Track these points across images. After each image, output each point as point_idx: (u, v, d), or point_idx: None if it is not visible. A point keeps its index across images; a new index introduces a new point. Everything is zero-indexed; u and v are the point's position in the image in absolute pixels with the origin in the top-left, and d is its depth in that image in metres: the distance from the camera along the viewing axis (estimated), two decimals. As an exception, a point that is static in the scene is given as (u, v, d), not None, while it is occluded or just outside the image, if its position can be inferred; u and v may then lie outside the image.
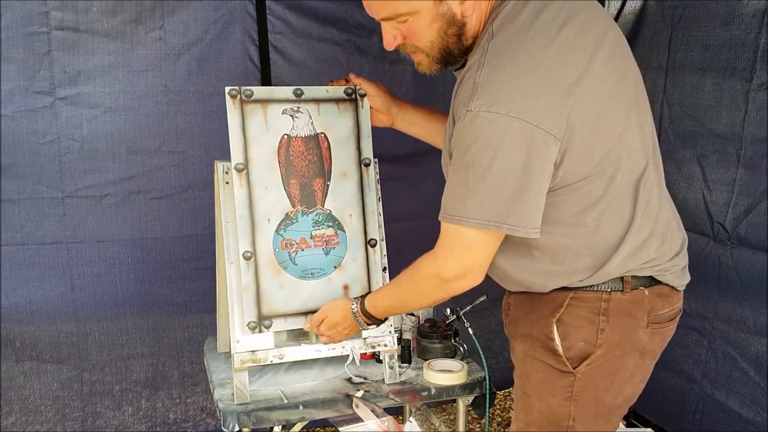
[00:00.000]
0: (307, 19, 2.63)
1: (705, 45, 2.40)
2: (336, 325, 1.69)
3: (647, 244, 1.38)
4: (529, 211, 1.27)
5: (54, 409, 2.60)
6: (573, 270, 1.39)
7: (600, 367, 1.40)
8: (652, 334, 1.43)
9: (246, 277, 1.71)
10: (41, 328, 2.53)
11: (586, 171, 1.30)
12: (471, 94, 1.24)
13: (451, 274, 1.35)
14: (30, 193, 2.41)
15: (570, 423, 1.43)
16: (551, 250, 1.38)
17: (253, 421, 1.72)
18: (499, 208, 1.25)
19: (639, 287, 1.40)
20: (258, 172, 1.73)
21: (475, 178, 1.25)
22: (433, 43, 1.38)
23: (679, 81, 2.51)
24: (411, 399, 1.87)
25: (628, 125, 1.33)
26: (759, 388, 2.29)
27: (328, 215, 1.79)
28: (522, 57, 1.24)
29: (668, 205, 1.47)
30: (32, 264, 2.46)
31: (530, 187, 1.25)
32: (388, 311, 1.61)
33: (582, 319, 1.40)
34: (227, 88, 1.73)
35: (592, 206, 1.33)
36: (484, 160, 1.23)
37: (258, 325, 1.71)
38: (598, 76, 1.28)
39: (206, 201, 2.48)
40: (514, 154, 1.22)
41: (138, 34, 2.43)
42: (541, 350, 1.44)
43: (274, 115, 1.75)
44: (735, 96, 2.30)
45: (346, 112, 1.81)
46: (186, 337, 2.73)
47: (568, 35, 1.27)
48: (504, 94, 1.22)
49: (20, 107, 2.35)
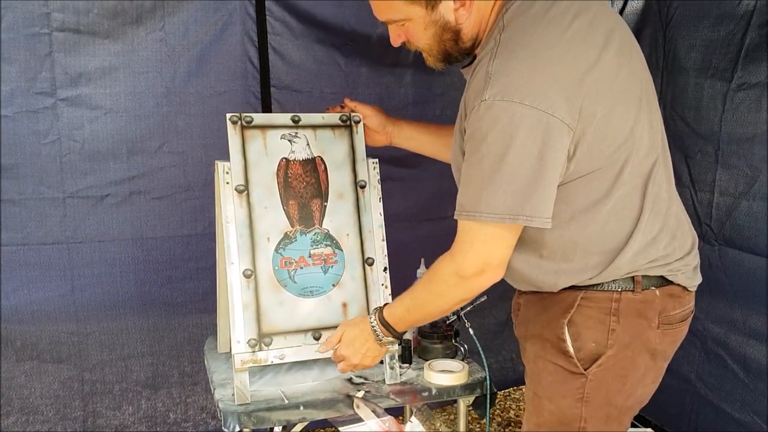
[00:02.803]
0: (306, 22, 2.65)
1: (691, 45, 2.42)
2: (354, 341, 1.64)
3: (657, 240, 1.38)
4: (542, 201, 1.26)
5: (54, 409, 2.61)
6: (583, 267, 1.38)
7: (611, 369, 1.40)
8: (663, 335, 1.42)
9: (246, 295, 1.74)
10: (42, 328, 2.53)
11: (597, 163, 1.30)
12: (485, 84, 1.24)
13: (470, 271, 1.33)
14: (31, 194, 2.41)
15: (581, 424, 1.42)
16: (561, 246, 1.37)
17: (254, 421, 1.72)
18: (513, 200, 1.24)
19: (650, 287, 1.39)
20: (258, 193, 1.79)
21: (491, 169, 1.24)
22: (430, 46, 1.41)
23: (671, 81, 2.53)
24: (411, 399, 1.87)
25: (638, 120, 1.33)
26: (748, 389, 2.30)
27: (326, 234, 1.84)
28: (535, 46, 1.24)
29: (677, 203, 1.46)
30: (33, 264, 2.46)
31: (544, 176, 1.24)
32: (405, 318, 1.55)
33: (593, 320, 1.39)
34: (228, 115, 1.79)
35: (600, 200, 1.33)
36: (500, 149, 1.22)
37: (258, 342, 1.74)
38: (609, 69, 1.28)
39: (206, 201, 2.50)
40: (529, 142, 1.22)
41: (138, 36, 2.43)
42: (552, 351, 1.44)
43: (273, 140, 1.82)
44: (714, 96, 2.32)
45: (342, 137, 1.88)
46: (186, 337, 2.74)
47: (580, 26, 1.28)
48: (518, 83, 1.21)
49: (22, 108, 2.35)
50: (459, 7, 1.33)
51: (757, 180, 2.21)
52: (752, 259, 2.24)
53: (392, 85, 2.84)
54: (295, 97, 2.67)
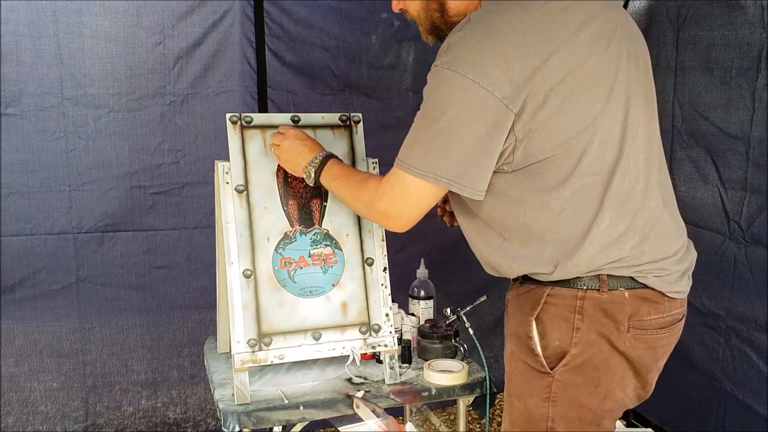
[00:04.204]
0: (303, 25, 2.69)
1: (709, 44, 2.41)
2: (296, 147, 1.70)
3: (622, 240, 1.34)
4: (470, 170, 1.31)
5: (54, 409, 2.61)
6: (538, 257, 1.37)
7: (579, 369, 1.37)
8: (635, 339, 1.37)
9: (246, 295, 1.74)
10: (42, 328, 2.55)
11: (551, 149, 1.30)
12: (442, 52, 1.31)
13: (381, 209, 1.43)
14: (39, 187, 2.49)
15: (549, 424, 1.40)
16: (519, 230, 1.38)
17: (254, 421, 1.72)
18: (439, 162, 1.30)
19: (618, 288, 1.36)
20: (257, 193, 1.79)
21: (425, 129, 1.32)
22: (419, 15, 1.49)
23: (689, 81, 2.52)
24: (411, 399, 1.87)
25: (605, 111, 1.31)
26: None
27: (325, 234, 1.84)
28: (496, 26, 1.28)
29: (658, 206, 1.40)
30: (39, 254, 2.52)
31: (475, 147, 1.28)
32: (330, 183, 1.63)
33: (558, 318, 1.38)
34: (228, 115, 1.81)
35: (556, 188, 1.32)
36: (436, 112, 1.30)
37: (258, 342, 1.74)
38: (576, 55, 1.28)
39: (203, 197, 2.60)
40: (464, 113, 1.27)
41: (139, 39, 2.51)
42: (522, 349, 1.43)
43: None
44: (743, 94, 2.31)
45: (341, 137, 1.89)
46: (186, 337, 2.75)
47: (550, 10, 1.30)
48: (467, 56, 1.26)
49: (29, 107, 2.44)
50: None
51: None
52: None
53: (393, 88, 2.86)
54: (290, 98, 2.73)
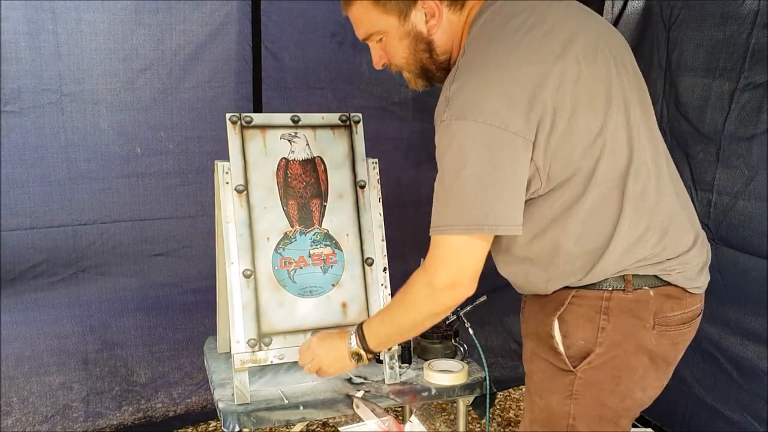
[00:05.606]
0: (300, 22, 2.69)
1: (697, 45, 2.42)
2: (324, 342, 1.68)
3: (644, 238, 1.37)
4: (507, 209, 1.30)
5: (54, 409, 2.61)
6: (570, 271, 1.39)
7: (602, 368, 1.40)
8: (660, 336, 1.41)
9: (246, 295, 1.74)
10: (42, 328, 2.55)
11: (570, 169, 1.32)
12: (444, 107, 1.31)
13: (442, 283, 1.36)
14: (38, 182, 2.49)
15: (570, 422, 1.43)
16: (547, 251, 1.39)
17: (254, 421, 1.72)
18: (477, 210, 1.29)
19: (643, 287, 1.39)
20: (257, 194, 1.79)
21: (451, 184, 1.30)
22: (407, 60, 1.48)
23: (675, 81, 2.53)
24: (411, 399, 1.87)
25: (609, 119, 1.34)
26: (742, 389, 2.30)
27: (325, 234, 1.84)
28: (488, 67, 1.30)
29: (672, 200, 1.44)
30: (39, 248, 2.51)
31: (505, 185, 1.29)
32: (380, 329, 1.57)
33: (583, 318, 1.40)
34: (228, 115, 1.80)
35: (577, 201, 1.34)
36: (457, 163, 1.28)
37: (258, 342, 1.74)
38: (569, 75, 1.30)
39: (198, 187, 2.64)
40: (485, 155, 1.27)
41: (137, 35, 2.50)
42: (544, 348, 1.45)
43: (272, 140, 1.82)
44: (722, 96, 2.32)
45: (341, 137, 1.88)
46: (186, 337, 2.74)
47: (532, 40, 1.32)
48: (472, 103, 1.27)
49: (28, 104, 2.43)
50: (429, 18, 1.42)
51: (753, 180, 2.21)
52: (747, 258, 2.24)
53: (393, 89, 2.87)
54: (286, 95, 2.74)
